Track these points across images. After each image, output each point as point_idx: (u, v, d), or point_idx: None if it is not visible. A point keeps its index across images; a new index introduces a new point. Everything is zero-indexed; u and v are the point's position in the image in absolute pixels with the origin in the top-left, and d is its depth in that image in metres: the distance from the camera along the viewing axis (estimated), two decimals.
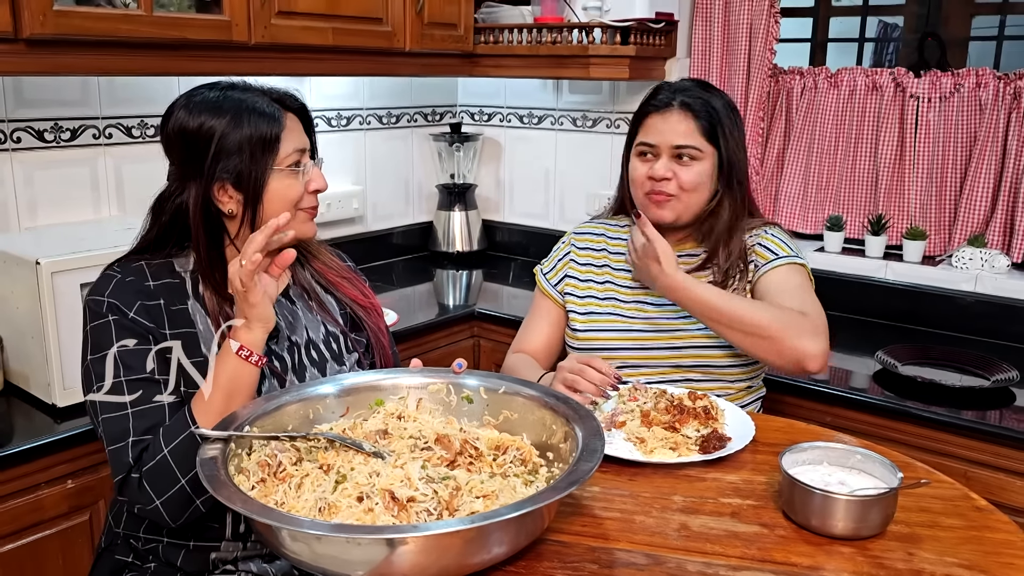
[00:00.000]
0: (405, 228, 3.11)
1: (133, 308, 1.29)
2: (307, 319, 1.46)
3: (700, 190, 1.67)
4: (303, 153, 1.37)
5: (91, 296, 1.32)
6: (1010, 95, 2.24)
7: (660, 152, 1.67)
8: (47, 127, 2.09)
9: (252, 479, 1.08)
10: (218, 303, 1.35)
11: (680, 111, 1.67)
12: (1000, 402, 1.88)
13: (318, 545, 0.95)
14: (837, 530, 1.11)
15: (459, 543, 0.97)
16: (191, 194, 1.33)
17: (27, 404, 1.79)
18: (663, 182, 1.67)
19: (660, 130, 1.68)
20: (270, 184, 1.34)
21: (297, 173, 1.36)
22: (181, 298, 1.34)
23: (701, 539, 1.11)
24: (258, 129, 1.31)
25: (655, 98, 1.71)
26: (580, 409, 1.20)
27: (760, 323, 1.52)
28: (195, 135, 1.32)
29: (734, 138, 1.68)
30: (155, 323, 1.31)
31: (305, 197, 1.39)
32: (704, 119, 1.66)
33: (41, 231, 2.04)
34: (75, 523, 1.71)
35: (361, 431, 1.20)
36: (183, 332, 1.32)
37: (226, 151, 1.31)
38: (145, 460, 1.23)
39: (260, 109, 1.33)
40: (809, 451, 1.23)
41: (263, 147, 1.32)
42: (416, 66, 2.57)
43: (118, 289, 1.31)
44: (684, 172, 1.66)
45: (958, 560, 1.07)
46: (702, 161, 1.66)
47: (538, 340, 1.83)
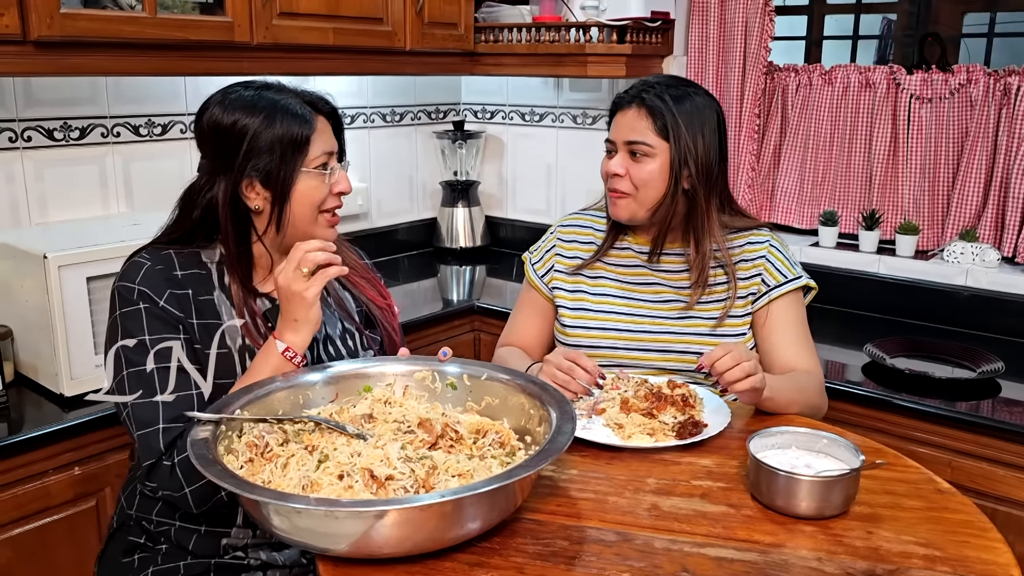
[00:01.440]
0: (409, 224, 3.16)
1: (163, 297, 1.34)
2: (325, 315, 1.50)
3: (651, 187, 1.66)
4: (331, 156, 1.41)
5: (121, 282, 1.36)
6: (1000, 91, 2.26)
7: (617, 148, 1.69)
8: (56, 126, 2.15)
9: (241, 459, 1.14)
10: (243, 296, 1.40)
11: (636, 108, 1.67)
12: (986, 393, 1.90)
13: (299, 519, 1.01)
14: (800, 510, 1.15)
15: (434, 517, 1.01)
16: (220, 188, 1.37)
17: (36, 394, 1.86)
18: (615, 178, 1.68)
19: (618, 126, 1.70)
20: (297, 184, 1.38)
21: (324, 175, 1.40)
22: (208, 289, 1.39)
23: (670, 518, 1.16)
24: (289, 130, 1.36)
25: (621, 96, 1.72)
26: (555, 394, 1.25)
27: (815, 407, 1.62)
28: (228, 131, 1.36)
29: (694, 136, 1.64)
30: (184, 312, 1.35)
31: (329, 198, 1.43)
32: (658, 116, 1.64)
33: (50, 227, 2.11)
34: (82, 509, 1.77)
35: (348, 415, 1.25)
36: (209, 323, 1.36)
37: (257, 149, 1.35)
38: (180, 448, 1.27)
39: (292, 110, 1.37)
40: (777, 435, 1.27)
41: (293, 148, 1.36)
42: (417, 65, 2.62)
43: (148, 277, 1.35)
44: (635, 169, 1.66)
45: (915, 539, 1.11)
46: (654, 158, 1.65)
47: (527, 333, 1.85)
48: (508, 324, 1.90)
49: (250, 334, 1.39)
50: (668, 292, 1.74)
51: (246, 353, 1.38)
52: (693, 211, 1.68)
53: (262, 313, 1.42)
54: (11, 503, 1.66)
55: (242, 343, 1.39)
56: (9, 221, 2.09)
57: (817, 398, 1.63)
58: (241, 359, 1.38)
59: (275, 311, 1.43)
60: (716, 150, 1.68)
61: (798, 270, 1.72)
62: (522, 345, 1.84)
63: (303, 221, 1.41)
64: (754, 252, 1.72)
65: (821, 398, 1.65)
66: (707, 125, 1.67)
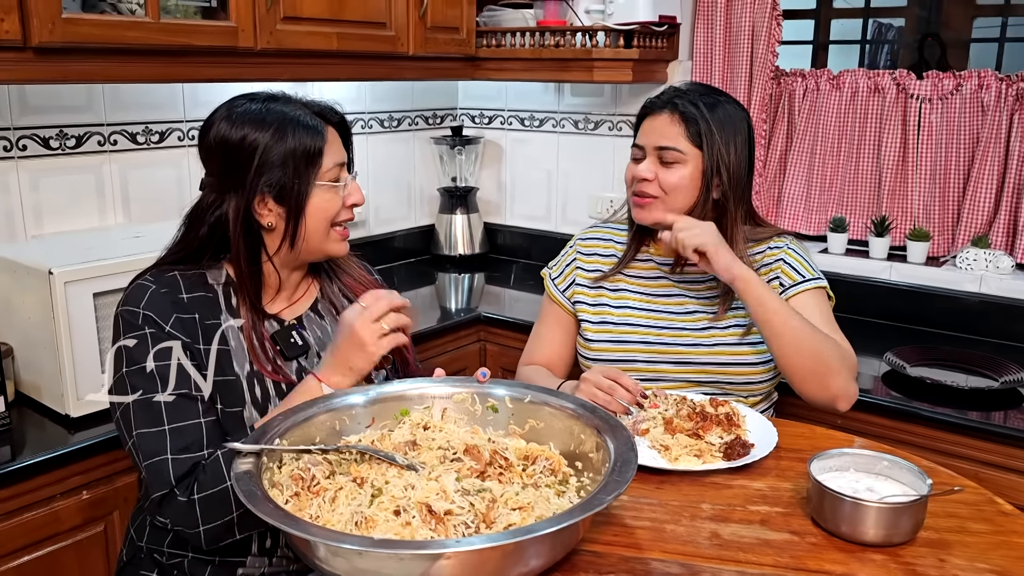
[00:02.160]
0: (407, 231, 3.10)
1: (169, 321, 1.28)
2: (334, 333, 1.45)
3: (681, 193, 1.65)
4: (342, 167, 1.37)
5: (125, 307, 1.30)
6: (1012, 96, 2.26)
7: (646, 153, 1.67)
8: (52, 134, 2.07)
9: (286, 493, 1.08)
10: (252, 320, 1.34)
11: (668, 113, 1.65)
12: (1009, 403, 1.89)
13: (359, 560, 0.95)
14: (868, 537, 1.12)
15: (497, 557, 0.97)
16: (231, 206, 1.32)
17: (39, 415, 1.78)
18: (644, 183, 1.66)
19: (648, 131, 1.68)
20: (312, 198, 1.33)
21: (337, 188, 1.36)
22: (214, 313, 1.34)
23: (733, 548, 1.12)
24: (302, 143, 1.31)
25: (651, 101, 1.71)
26: (610, 419, 1.21)
27: (821, 351, 1.52)
28: (237, 147, 1.30)
29: (727, 145, 1.63)
30: (191, 337, 1.30)
31: (342, 211, 1.38)
32: (691, 122, 1.63)
33: (48, 239, 2.03)
34: (91, 534, 1.70)
35: (389, 443, 1.20)
36: (217, 348, 1.31)
37: (269, 164, 1.30)
38: (203, 485, 1.21)
39: (304, 122, 1.32)
40: (836, 457, 1.24)
41: (307, 161, 1.31)
42: (419, 70, 2.57)
43: (153, 301, 1.29)
44: (665, 174, 1.64)
45: (989, 566, 1.08)
46: (685, 164, 1.64)
47: (551, 350, 1.81)
48: (530, 341, 1.86)
49: (257, 359, 1.33)
50: (692, 303, 1.71)
51: (254, 379, 1.32)
52: (721, 220, 1.66)
53: (270, 336, 1.36)
54: (19, 530, 1.59)
55: (250, 369, 1.33)
56: (4, 233, 2.00)
57: (843, 365, 1.54)
58: (249, 385, 1.32)
59: (283, 333, 1.38)
60: (747, 160, 1.67)
61: (817, 272, 1.70)
62: (546, 362, 1.80)
63: (317, 236, 1.37)
64: (772, 257, 1.71)
65: (847, 375, 1.55)
66: (739, 135, 1.66)
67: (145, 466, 1.24)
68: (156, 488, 1.23)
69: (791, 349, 1.52)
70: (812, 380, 1.53)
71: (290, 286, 1.44)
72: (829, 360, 1.52)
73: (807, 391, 1.55)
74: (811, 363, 1.52)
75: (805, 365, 1.52)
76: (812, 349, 1.52)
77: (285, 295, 1.44)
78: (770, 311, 1.54)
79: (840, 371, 1.54)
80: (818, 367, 1.52)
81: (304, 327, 1.42)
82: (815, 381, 1.53)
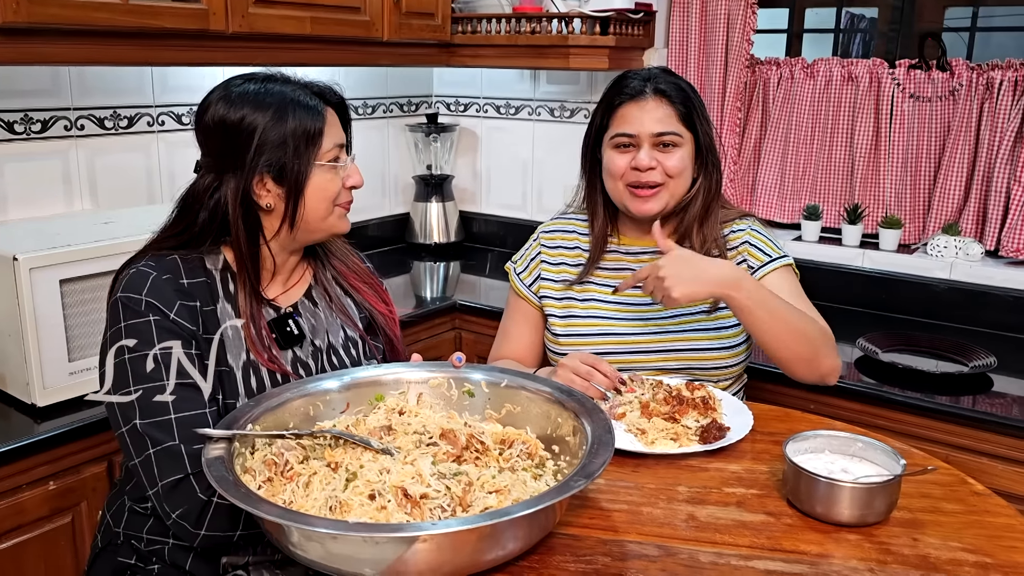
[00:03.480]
0: (381, 220, 3.08)
1: (173, 309, 1.25)
2: (328, 322, 1.43)
3: (684, 176, 1.64)
4: (341, 148, 1.35)
5: (125, 293, 1.25)
6: (983, 86, 2.28)
7: (641, 141, 1.62)
8: (17, 118, 2.03)
9: (259, 478, 1.06)
10: (250, 304, 1.31)
11: (656, 98, 1.62)
12: (978, 387, 1.92)
13: (333, 545, 0.94)
14: (843, 517, 1.12)
15: (474, 539, 0.96)
16: (229, 187, 1.29)
17: (3, 404, 1.74)
18: (648, 172, 1.61)
19: (638, 119, 1.62)
20: (311, 179, 1.31)
21: (337, 168, 1.34)
22: (212, 299, 1.31)
23: (710, 529, 1.12)
24: (302, 123, 1.29)
25: (627, 87, 1.65)
26: (587, 402, 1.20)
27: (808, 334, 1.50)
28: (236, 127, 1.28)
29: (708, 123, 1.66)
30: (194, 324, 1.26)
31: (342, 192, 1.37)
32: (680, 104, 1.62)
33: (13, 225, 1.98)
34: (57, 525, 1.67)
35: (364, 427, 1.18)
36: (210, 339, 1.28)
37: (269, 144, 1.28)
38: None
39: (304, 103, 1.31)
40: (811, 439, 1.24)
41: (306, 141, 1.29)
42: (394, 56, 2.54)
43: (156, 288, 1.25)
44: (667, 159, 1.61)
45: (962, 545, 1.09)
46: (682, 147, 1.62)
47: (519, 345, 1.79)
48: (498, 337, 1.84)
49: (254, 346, 1.30)
50: None
51: (250, 369, 1.30)
52: (703, 196, 1.67)
53: (267, 322, 1.34)
54: None
55: (246, 359, 1.30)
56: None
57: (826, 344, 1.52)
58: (244, 376, 1.29)
59: (280, 322, 1.35)
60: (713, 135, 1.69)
61: (782, 250, 1.69)
62: (516, 357, 1.78)
63: (317, 217, 1.35)
64: (737, 240, 1.69)
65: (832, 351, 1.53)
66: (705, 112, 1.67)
67: (154, 453, 1.19)
68: (170, 473, 1.18)
69: (782, 340, 1.50)
70: (803, 364, 1.52)
71: (286, 270, 1.42)
72: (816, 342, 1.51)
73: (798, 373, 1.54)
74: (801, 349, 1.50)
75: (796, 351, 1.50)
76: (800, 335, 1.50)
77: (281, 280, 1.42)
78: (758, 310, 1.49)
79: (827, 352, 1.53)
80: (808, 351, 1.51)
81: (299, 314, 1.40)
82: (806, 364, 1.52)
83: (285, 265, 1.40)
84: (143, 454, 1.19)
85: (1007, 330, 2.25)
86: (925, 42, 2.35)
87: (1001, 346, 2.11)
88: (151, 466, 1.18)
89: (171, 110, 2.33)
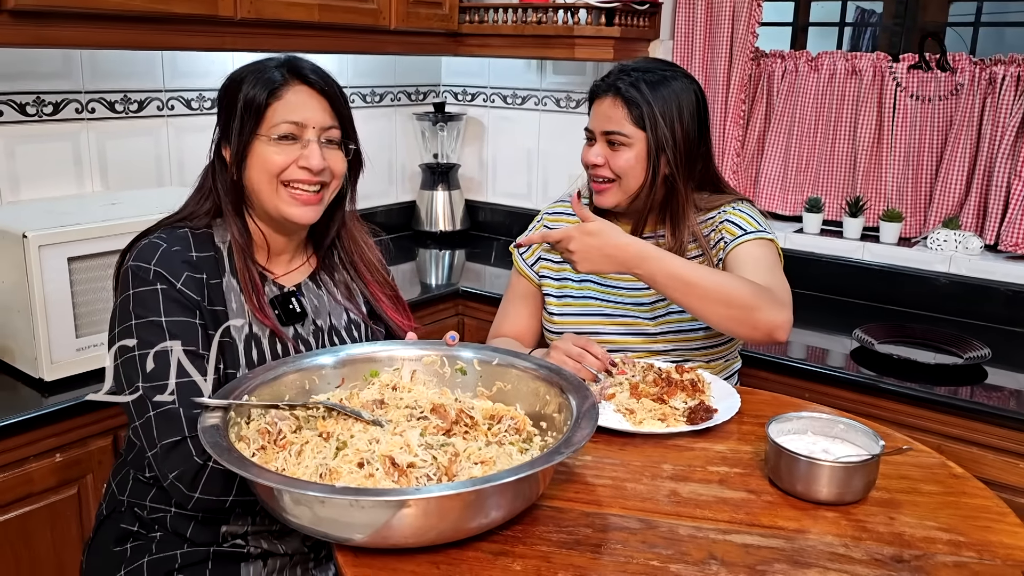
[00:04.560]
0: (388, 207, 3.11)
1: (180, 279, 1.28)
2: (331, 305, 1.46)
3: (632, 175, 1.65)
4: (302, 127, 1.35)
5: (135, 262, 1.29)
6: (985, 80, 2.29)
7: (596, 137, 1.68)
8: (29, 100, 2.07)
9: (252, 446, 1.10)
10: (247, 270, 1.34)
11: (611, 97, 1.65)
12: (973, 379, 1.93)
13: (321, 508, 0.97)
14: (821, 495, 1.15)
15: (458, 506, 0.99)
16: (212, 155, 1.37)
17: (12, 378, 1.78)
18: (596, 168, 1.67)
19: (595, 115, 1.68)
20: (254, 149, 1.33)
21: (284, 144, 1.34)
22: (218, 272, 1.34)
23: (691, 504, 1.15)
24: (252, 92, 1.32)
25: (601, 82, 1.70)
26: (574, 380, 1.23)
27: (734, 293, 1.46)
28: (219, 97, 1.37)
29: (671, 123, 1.63)
30: (200, 296, 1.30)
31: (291, 170, 1.34)
32: (634, 106, 1.62)
33: (25, 205, 2.03)
34: (64, 496, 1.71)
35: (358, 401, 1.22)
36: (216, 311, 1.31)
37: (230, 111, 1.33)
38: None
39: (265, 74, 1.34)
40: (795, 420, 1.26)
41: (250, 111, 1.32)
42: (401, 44, 2.57)
43: (165, 258, 1.29)
44: (614, 158, 1.65)
45: (937, 524, 1.11)
46: (631, 147, 1.64)
47: (519, 322, 1.83)
48: (499, 314, 1.88)
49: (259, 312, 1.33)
50: None
51: (251, 342, 1.33)
52: (671, 197, 1.68)
53: (268, 300, 1.37)
54: None
55: (248, 331, 1.34)
56: None
57: (759, 300, 1.46)
58: (246, 348, 1.33)
59: (283, 299, 1.38)
60: (695, 134, 1.67)
61: (763, 227, 1.67)
62: (514, 335, 1.82)
63: (261, 191, 1.35)
64: (719, 219, 1.70)
65: (768, 307, 1.46)
66: (685, 110, 1.65)
67: (155, 415, 1.22)
68: (167, 435, 1.21)
69: (705, 306, 1.47)
70: (736, 324, 1.47)
71: (283, 250, 1.44)
72: (745, 301, 1.46)
73: (739, 334, 1.50)
74: (729, 311, 1.46)
75: (724, 313, 1.46)
76: (723, 297, 1.46)
77: (282, 260, 1.44)
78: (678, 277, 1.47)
79: (760, 306, 1.45)
80: (738, 312, 1.46)
81: (302, 294, 1.43)
82: (739, 324, 1.47)
83: (281, 245, 1.42)
84: (144, 416, 1.23)
85: (1005, 323, 2.26)
86: (925, 42, 2.36)
87: (998, 339, 2.13)
88: (151, 428, 1.21)
89: (180, 95, 2.37)
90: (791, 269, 1.73)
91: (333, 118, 1.39)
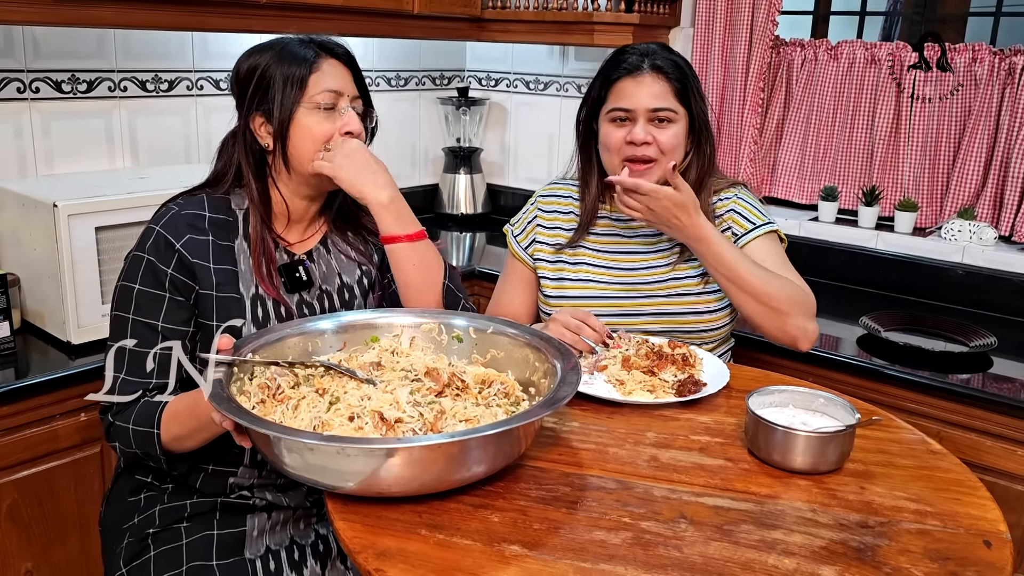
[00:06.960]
0: (411, 190, 3.17)
1: (181, 240, 1.36)
2: (342, 265, 1.52)
3: (678, 151, 1.68)
4: (339, 96, 1.42)
5: (150, 224, 1.40)
6: (1005, 71, 2.28)
7: (637, 116, 1.65)
8: (64, 78, 2.16)
9: (253, 400, 1.16)
10: (260, 239, 1.42)
11: (652, 73, 1.66)
12: (978, 367, 1.94)
13: (311, 455, 1.04)
14: (796, 464, 1.18)
15: (442, 459, 1.04)
16: (239, 128, 1.43)
17: (43, 341, 1.88)
18: (643, 147, 1.66)
19: (634, 94, 1.66)
20: (297, 119, 1.40)
21: (327, 112, 1.41)
22: (230, 235, 1.41)
23: (669, 469, 1.19)
24: (290, 65, 1.39)
25: (625, 62, 1.69)
26: (561, 347, 1.28)
27: (775, 295, 1.57)
28: (245, 74, 1.42)
29: (702, 99, 1.70)
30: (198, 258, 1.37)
31: (336, 138, 1.42)
32: (676, 80, 1.66)
33: (57, 178, 2.12)
34: (87, 454, 1.81)
35: (356, 362, 1.28)
36: (225, 269, 1.39)
37: (264, 85, 1.39)
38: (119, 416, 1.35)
39: (297, 51, 1.41)
40: (776, 394, 1.30)
41: (292, 82, 1.39)
42: (424, 29, 2.63)
43: (171, 221, 1.38)
44: (661, 134, 1.65)
45: (907, 494, 1.14)
46: (677, 123, 1.66)
47: (514, 305, 1.86)
48: (494, 296, 1.91)
49: (263, 282, 1.40)
50: (646, 259, 1.75)
51: (258, 301, 1.40)
52: (696, 171, 1.72)
53: (278, 266, 1.44)
54: (20, 445, 1.69)
55: (255, 292, 1.40)
56: (16, 171, 2.10)
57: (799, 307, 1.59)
58: (252, 306, 1.39)
59: (290, 267, 1.45)
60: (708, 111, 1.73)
61: (767, 217, 1.73)
62: (510, 316, 1.85)
63: (305, 159, 1.41)
64: (723, 208, 1.74)
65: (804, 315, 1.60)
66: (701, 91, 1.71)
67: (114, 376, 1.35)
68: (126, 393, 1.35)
69: (748, 297, 1.57)
70: (770, 324, 1.59)
71: (305, 219, 1.50)
72: (781, 303, 1.57)
73: (768, 333, 1.61)
74: (768, 308, 1.57)
75: (763, 311, 1.57)
76: (768, 295, 1.57)
77: (299, 227, 1.50)
78: (727, 265, 1.58)
79: (796, 314, 1.58)
80: (775, 312, 1.57)
81: (313, 261, 1.49)
82: (773, 324, 1.59)
83: (301, 212, 1.48)
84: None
85: (1018, 314, 2.26)
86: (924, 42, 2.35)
87: (1008, 329, 2.13)
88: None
89: (209, 75, 2.45)
90: (806, 257, 1.76)
91: (356, 88, 1.47)
